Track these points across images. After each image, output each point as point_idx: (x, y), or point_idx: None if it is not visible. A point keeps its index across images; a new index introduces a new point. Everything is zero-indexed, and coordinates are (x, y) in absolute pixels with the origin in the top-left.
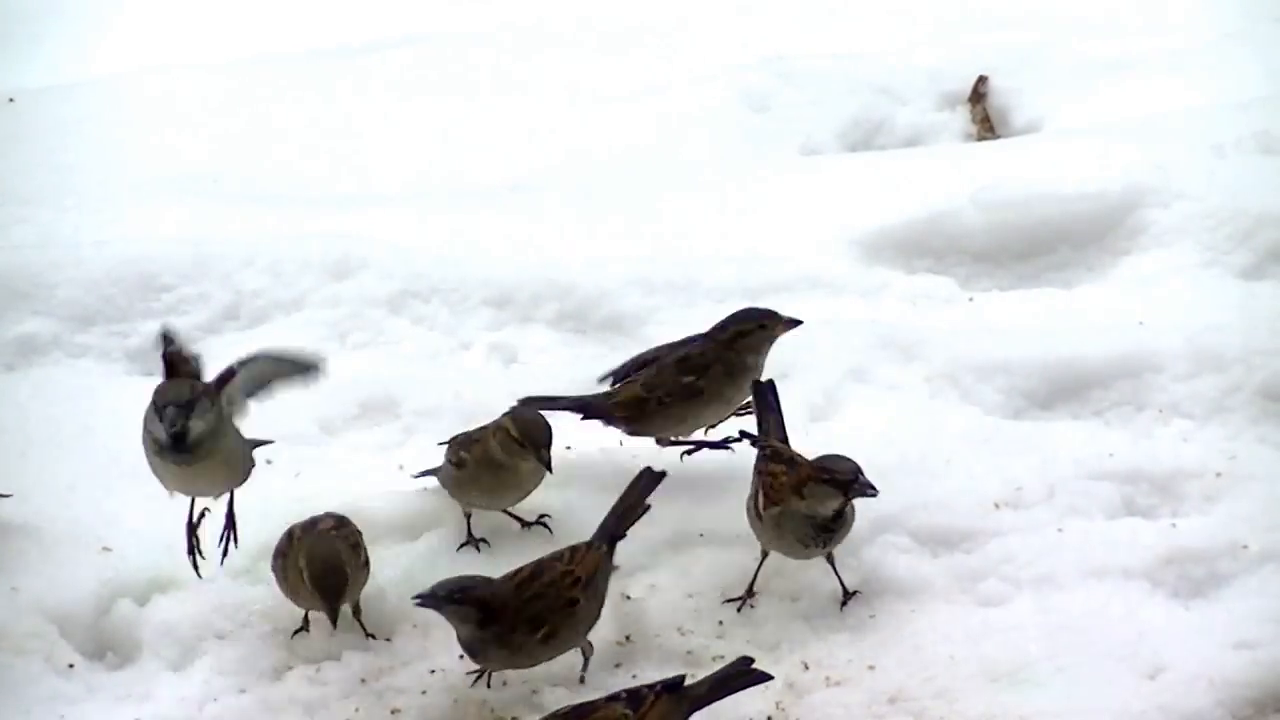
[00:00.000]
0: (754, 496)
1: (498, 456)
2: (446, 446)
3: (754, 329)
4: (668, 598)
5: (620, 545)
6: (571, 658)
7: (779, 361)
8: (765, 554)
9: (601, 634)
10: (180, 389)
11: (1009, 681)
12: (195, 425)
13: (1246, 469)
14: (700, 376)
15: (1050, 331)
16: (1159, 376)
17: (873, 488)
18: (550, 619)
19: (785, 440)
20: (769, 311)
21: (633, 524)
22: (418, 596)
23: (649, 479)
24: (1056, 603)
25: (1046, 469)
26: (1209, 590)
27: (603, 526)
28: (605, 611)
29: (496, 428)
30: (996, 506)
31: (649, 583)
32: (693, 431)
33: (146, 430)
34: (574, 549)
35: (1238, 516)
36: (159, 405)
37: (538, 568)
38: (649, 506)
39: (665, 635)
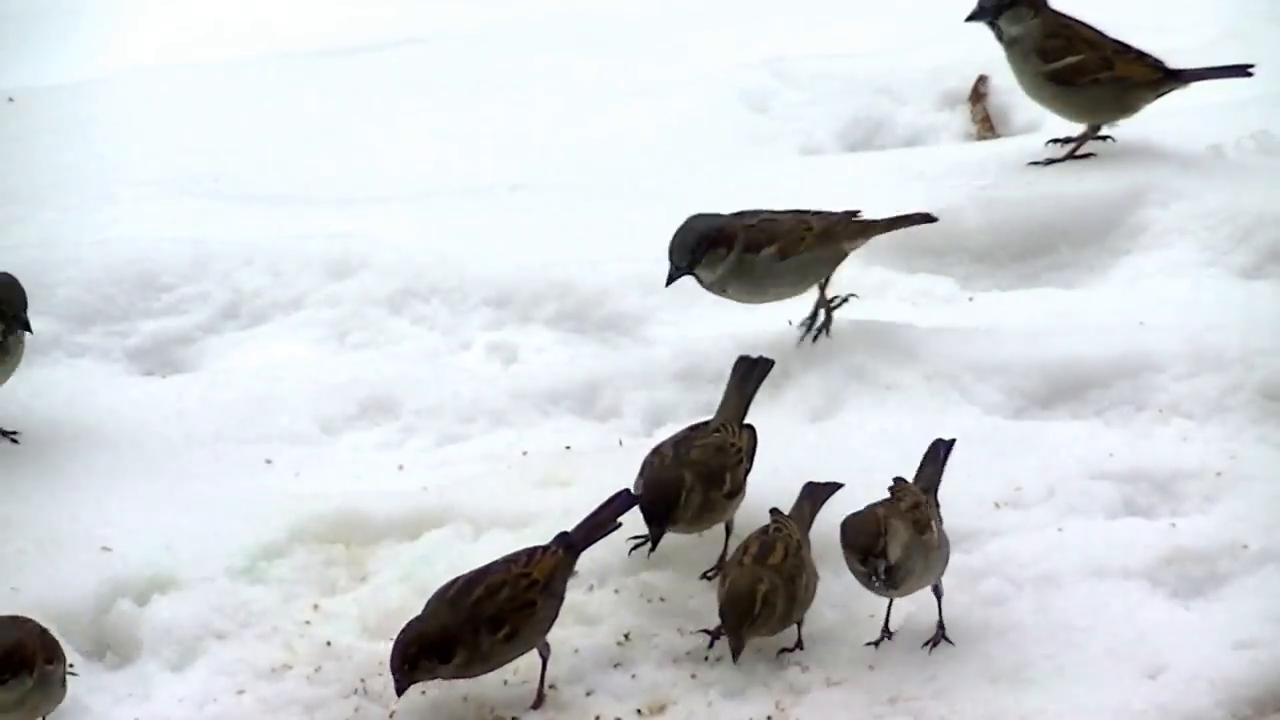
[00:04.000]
0: None
1: None
2: None
3: None
4: (667, 596)
5: (620, 545)
6: (574, 660)
7: (779, 362)
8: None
9: (600, 633)
10: None
11: (1009, 681)
12: None
13: (1246, 469)
14: None
15: (1050, 331)
16: (1159, 376)
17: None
18: (510, 619)
19: (930, 491)
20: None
21: (598, 539)
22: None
23: (624, 500)
24: (1056, 603)
25: (1046, 469)
26: (1209, 590)
27: (563, 533)
28: (605, 610)
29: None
30: (996, 506)
31: (648, 581)
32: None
33: None
34: (532, 552)
35: (1238, 516)
36: None
37: (478, 574)
38: (619, 525)
39: (664, 635)
